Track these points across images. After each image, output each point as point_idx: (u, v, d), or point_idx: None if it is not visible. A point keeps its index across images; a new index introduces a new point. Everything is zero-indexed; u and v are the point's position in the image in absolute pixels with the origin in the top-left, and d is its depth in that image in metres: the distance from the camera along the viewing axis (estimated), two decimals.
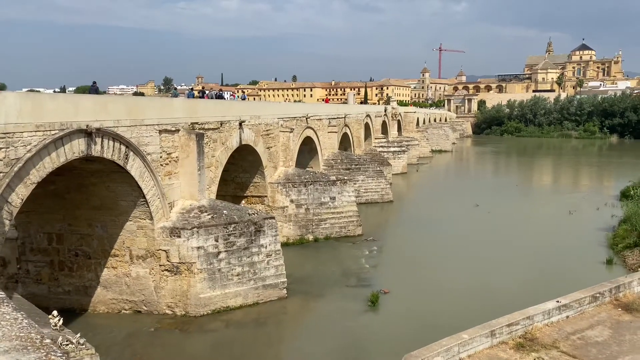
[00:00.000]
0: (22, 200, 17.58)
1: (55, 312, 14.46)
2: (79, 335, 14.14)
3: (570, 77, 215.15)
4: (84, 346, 13.65)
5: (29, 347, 4.41)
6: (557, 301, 19.52)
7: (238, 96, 69.30)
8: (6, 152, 16.65)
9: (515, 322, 17.73)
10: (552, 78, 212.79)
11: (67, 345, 13.13)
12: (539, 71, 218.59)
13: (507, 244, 37.85)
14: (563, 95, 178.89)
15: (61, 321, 14.30)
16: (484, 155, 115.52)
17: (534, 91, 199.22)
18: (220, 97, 40.92)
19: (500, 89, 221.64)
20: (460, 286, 28.85)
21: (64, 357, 4.47)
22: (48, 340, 4.67)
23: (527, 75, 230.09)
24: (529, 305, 19.35)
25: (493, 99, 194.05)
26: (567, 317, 19.37)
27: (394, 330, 23.66)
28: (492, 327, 17.14)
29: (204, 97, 39.11)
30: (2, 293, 6.23)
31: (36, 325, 5.18)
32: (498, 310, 20.25)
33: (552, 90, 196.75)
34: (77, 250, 25.29)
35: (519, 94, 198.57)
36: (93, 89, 33.68)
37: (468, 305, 25.79)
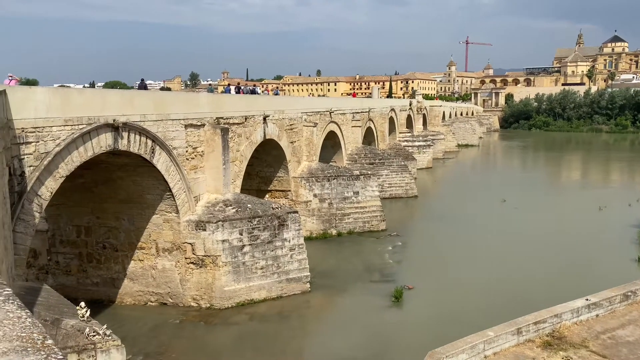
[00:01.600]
0: (52, 193, 17.94)
1: (82, 304, 14.76)
2: (105, 326, 14.41)
3: (602, 70, 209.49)
4: (110, 337, 13.92)
5: (29, 349, 4.41)
6: (587, 299, 19.05)
7: (271, 91, 70.67)
8: (36, 146, 17.00)
9: (542, 320, 17.36)
10: (582, 71, 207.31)
11: (94, 336, 13.39)
12: (569, 64, 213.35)
13: (535, 241, 37.16)
14: (594, 89, 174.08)
15: (88, 312, 14.59)
16: (512, 150, 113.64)
17: (563, 84, 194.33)
18: (254, 92, 41.72)
19: (528, 83, 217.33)
20: (486, 283, 28.46)
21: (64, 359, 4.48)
22: (50, 341, 4.67)
23: (556, 69, 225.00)
24: (557, 303, 18.93)
25: (521, 93, 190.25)
26: (597, 315, 18.90)
27: (418, 326, 23.51)
28: (519, 325, 16.82)
29: (239, 92, 39.80)
30: (9, 289, 6.28)
31: (39, 325, 5.19)
32: (525, 307, 19.88)
33: (582, 84, 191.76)
34: (104, 243, 25.78)
35: (547, 87, 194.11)
36: (142, 86, 34.55)
37: (493, 302, 25.45)
